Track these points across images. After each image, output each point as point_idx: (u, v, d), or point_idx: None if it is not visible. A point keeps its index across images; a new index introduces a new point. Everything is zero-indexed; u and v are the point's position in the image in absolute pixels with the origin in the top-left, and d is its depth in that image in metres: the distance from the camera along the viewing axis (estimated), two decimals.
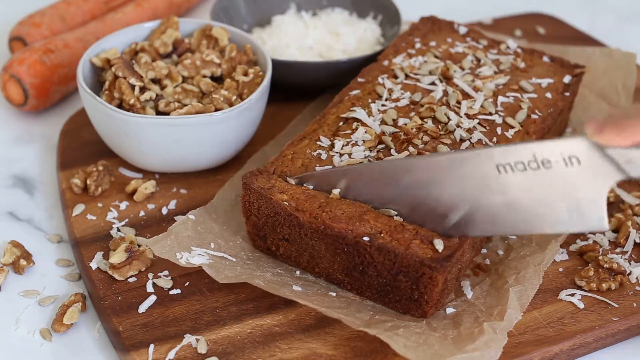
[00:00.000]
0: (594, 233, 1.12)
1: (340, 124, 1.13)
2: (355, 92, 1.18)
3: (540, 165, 0.93)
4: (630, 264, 1.11)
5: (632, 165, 0.89)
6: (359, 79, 1.22)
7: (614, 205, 1.20)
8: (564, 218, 0.95)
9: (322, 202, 1.03)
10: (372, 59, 1.30)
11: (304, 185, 1.05)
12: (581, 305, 1.05)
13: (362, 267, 1.01)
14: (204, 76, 1.24)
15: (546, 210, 0.95)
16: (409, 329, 0.99)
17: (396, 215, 1.01)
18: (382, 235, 0.99)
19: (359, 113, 1.12)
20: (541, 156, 0.92)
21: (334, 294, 1.04)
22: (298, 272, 1.07)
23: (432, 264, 0.96)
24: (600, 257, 1.10)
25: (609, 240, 1.14)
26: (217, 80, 1.26)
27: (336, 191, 1.04)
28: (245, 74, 1.23)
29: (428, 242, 0.98)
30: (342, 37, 1.42)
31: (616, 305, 1.05)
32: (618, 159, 0.89)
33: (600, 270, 1.09)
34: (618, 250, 1.13)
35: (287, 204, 1.03)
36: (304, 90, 1.38)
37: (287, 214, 1.03)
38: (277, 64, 1.30)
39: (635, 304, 1.06)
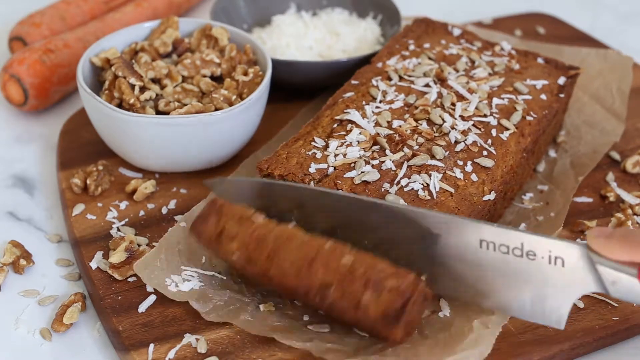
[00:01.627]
0: None
1: (335, 125, 1.13)
2: (349, 94, 1.18)
3: (524, 254, 0.92)
4: None
5: (616, 287, 0.89)
6: (353, 81, 1.21)
7: (614, 205, 1.20)
8: (526, 308, 0.95)
9: (270, 250, 0.96)
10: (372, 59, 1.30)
11: (257, 213, 0.99)
12: (581, 305, 1.05)
13: (324, 312, 0.99)
14: (204, 76, 1.24)
15: (512, 295, 0.95)
16: (397, 346, 0.97)
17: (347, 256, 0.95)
18: (332, 290, 0.93)
19: (353, 115, 1.12)
20: (528, 247, 0.91)
21: (322, 312, 1.02)
22: None
23: (384, 329, 0.92)
24: None
25: None
26: (217, 79, 1.26)
27: (291, 225, 0.98)
28: (245, 73, 1.23)
29: (381, 289, 0.91)
30: (342, 37, 1.42)
31: (616, 305, 1.05)
32: (605, 277, 0.89)
33: None
34: None
35: (236, 258, 0.98)
36: (303, 90, 1.38)
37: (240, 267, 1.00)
38: (277, 63, 1.30)
39: (635, 304, 1.06)
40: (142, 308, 1.03)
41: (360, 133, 1.10)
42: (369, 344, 0.99)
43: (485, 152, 1.10)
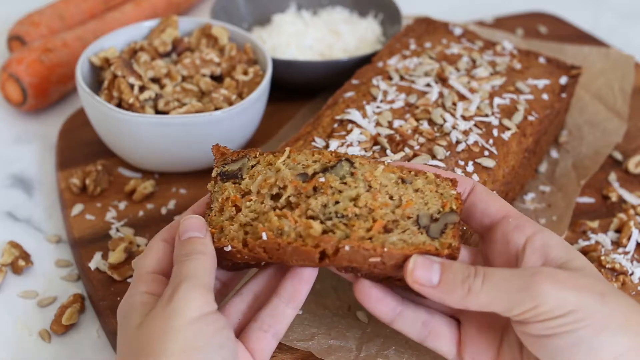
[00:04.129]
0: None
1: (335, 125, 1.12)
2: (349, 94, 1.17)
3: None
4: (632, 264, 1.10)
5: None
6: (353, 81, 1.21)
7: (616, 205, 1.20)
8: None
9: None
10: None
11: None
12: None
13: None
14: (204, 75, 1.23)
15: None
16: (400, 343, 0.97)
17: None
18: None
19: (354, 115, 1.11)
20: None
21: (327, 311, 1.02)
22: None
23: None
24: (602, 258, 1.09)
25: (611, 241, 1.13)
26: (217, 79, 1.25)
27: None
28: (245, 73, 1.22)
29: None
30: (343, 36, 1.41)
31: None
32: None
33: (603, 270, 1.08)
34: (620, 250, 1.12)
35: None
36: (303, 90, 1.38)
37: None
38: (277, 63, 1.29)
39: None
40: None
41: (360, 133, 1.09)
42: (371, 336, 0.98)
43: (486, 152, 1.09)
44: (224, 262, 0.88)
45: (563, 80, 1.24)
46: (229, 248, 0.85)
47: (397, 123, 1.11)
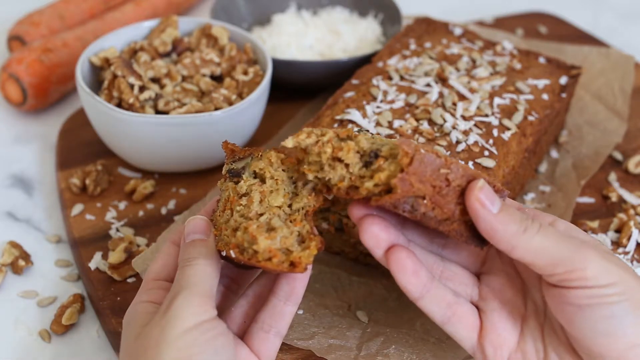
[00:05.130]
0: None
1: (335, 125, 1.12)
2: (349, 94, 1.17)
3: None
4: (632, 264, 1.10)
5: None
6: (353, 81, 1.21)
7: (616, 205, 1.20)
8: None
9: None
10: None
11: None
12: None
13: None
14: (204, 75, 1.23)
15: None
16: (400, 342, 0.98)
17: None
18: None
19: (354, 115, 1.11)
20: None
21: (327, 311, 1.03)
22: None
23: None
24: None
25: (611, 241, 1.13)
26: (217, 79, 1.25)
27: None
28: (245, 73, 1.22)
29: None
30: (343, 36, 1.41)
31: None
32: None
33: None
34: (620, 250, 1.12)
35: None
36: (303, 90, 1.38)
37: None
38: (277, 63, 1.29)
39: None
40: None
41: None
42: (371, 336, 0.98)
43: (486, 152, 1.09)
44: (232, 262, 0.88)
45: (563, 80, 1.24)
46: (224, 253, 0.85)
47: (397, 123, 1.11)
